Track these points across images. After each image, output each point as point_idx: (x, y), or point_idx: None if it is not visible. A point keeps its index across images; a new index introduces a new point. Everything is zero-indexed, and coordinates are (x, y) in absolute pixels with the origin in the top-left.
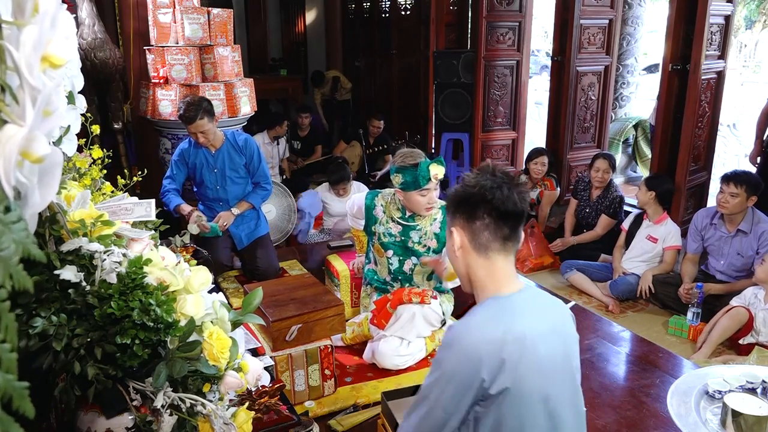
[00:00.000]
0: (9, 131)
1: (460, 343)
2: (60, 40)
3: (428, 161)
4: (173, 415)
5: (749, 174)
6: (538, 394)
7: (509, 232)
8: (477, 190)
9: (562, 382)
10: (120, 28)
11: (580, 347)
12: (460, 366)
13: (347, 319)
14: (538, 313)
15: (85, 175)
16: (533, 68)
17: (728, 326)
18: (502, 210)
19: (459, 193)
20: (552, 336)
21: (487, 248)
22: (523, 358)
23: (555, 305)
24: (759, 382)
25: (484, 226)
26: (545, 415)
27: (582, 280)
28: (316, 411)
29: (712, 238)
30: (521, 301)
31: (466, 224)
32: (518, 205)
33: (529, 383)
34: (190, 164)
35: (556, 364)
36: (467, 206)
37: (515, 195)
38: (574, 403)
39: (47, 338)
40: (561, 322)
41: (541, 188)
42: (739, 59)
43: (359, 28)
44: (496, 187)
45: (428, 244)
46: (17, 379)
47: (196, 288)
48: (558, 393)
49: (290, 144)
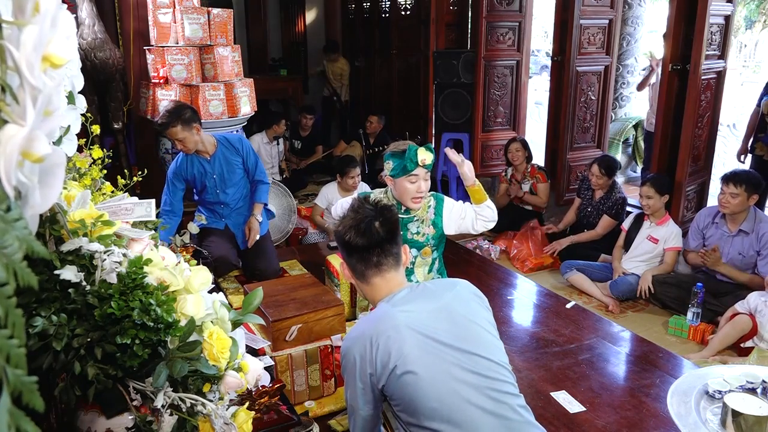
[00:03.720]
0: (10, 131)
1: (345, 350)
2: (60, 39)
3: (416, 146)
4: (173, 415)
5: (749, 173)
6: (431, 368)
7: (377, 259)
8: (340, 233)
9: (455, 351)
10: (120, 28)
11: (581, 347)
12: (352, 369)
13: (347, 319)
14: (418, 301)
15: (85, 175)
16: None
17: (730, 334)
18: (361, 245)
19: (348, 224)
20: (436, 314)
21: (365, 275)
22: (404, 343)
23: (441, 289)
24: (759, 382)
25: (355, 260)
26: (446, 386)
27: (582, 280)
28: (316, 411)
29: (714, 237)
30: (400, 296)
31: (345, 259)
32: (376, 235)
33: (419, 362)
34: (188, 177)
35: (444, 337)
36: (341, 246)
37: (376, 225)
38: (479, 363)
39: (47, 338)
40: (447, 302)
41: (533, 181)
42: (739, 59)
43: (359, 28)
44: (353, 226)
45: (426, 232)
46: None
47: (196, 288)
48: (454, 361)
49: (291, 143)
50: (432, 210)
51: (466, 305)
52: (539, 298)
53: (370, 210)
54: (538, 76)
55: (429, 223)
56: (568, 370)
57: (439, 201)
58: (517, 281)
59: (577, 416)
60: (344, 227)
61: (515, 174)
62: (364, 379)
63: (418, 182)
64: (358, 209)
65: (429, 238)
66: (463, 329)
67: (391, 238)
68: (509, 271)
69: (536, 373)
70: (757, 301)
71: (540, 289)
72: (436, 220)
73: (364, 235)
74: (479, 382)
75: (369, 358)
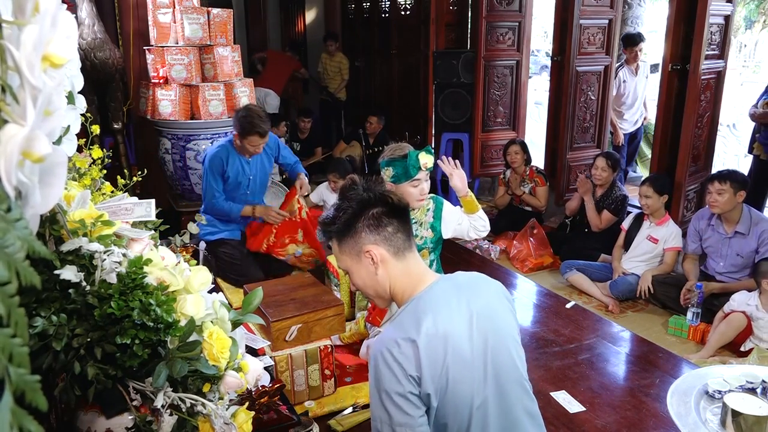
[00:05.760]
0: (10, 131)
1: (382, 356)
2: (60, 39)
3: (417, 151)
4: (173, 415)
5: (733, 171)
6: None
7: (410, 226)
8: (372, 199)
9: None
10: (120, 28)
11: (581, 347)
12: (391, 379)
13: (347, 319)
14: (457, 302)
15: (84, 175)
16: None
17: (726, 332)
18: (401, 206)
19: (352, 212)
20: (475, 321)
21: (403, 250)
22: (447, 355)
23: (477, 285)
24: (759, 382)
25: (394, 229)
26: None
27: (582, 280)
28: (316, 411)
29: (711, 239)
30: (439, 291)
31: (377, 237)
32: (402, 200)
33: (459, 375)
34: (225, 174)
35: (481, 349)
36: (370, 219)
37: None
38: (512, 375)
39: (47, 338)
40: (485, 303)
41: (532, 184)
42: (739, 59)
43: (359, 28)
44: (381, 192)
45: (424, 235)
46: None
47: (196, 288)
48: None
49: (290, 146)
50: (431, 213)
51: (506, 314)
52: (539, 298)
53: (376, 186)
54: (538, 76)
55: (427, 226)
56: (568, 370)
57: (438, 204)
58: (517, 281)
59: (577, 416)
60: (370, 195)
61: (514, 176)
62: (409, 389)
63: (420, 185)
64: (362, 186)
65: (427, 241)
66: (499, 342)
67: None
68: (509, 271)
69: (536, 373)
70: (742, 300)
71: (540, 289)
72: (435, 224)
73: (386, 202)
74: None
75: (415, 367)
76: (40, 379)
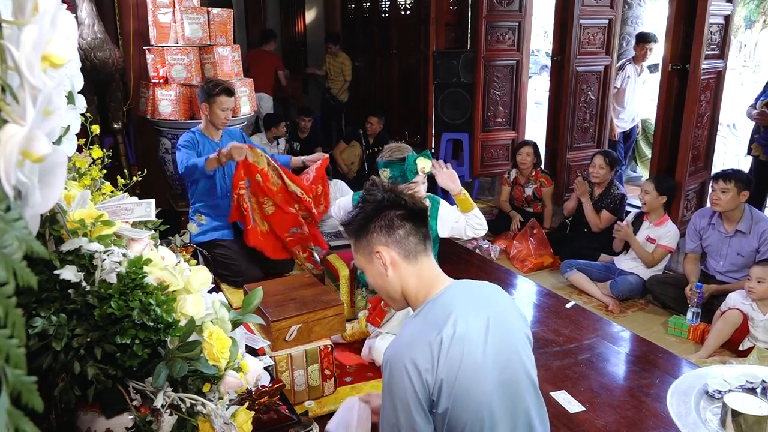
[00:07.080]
0: (10, 131)
1: (399, 361)
2: (60, 39)
3: (415, 155)
4: (173, 415)
5: (737, 170)
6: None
7: (426, 230)
8: (386, 201)
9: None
10: (120, 28)
11: (581, 347)
12: (404, 385)
13: (347, 319)
14: (474, 307)
15: (84, 175)
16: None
17: (724, 330)
18: (416, 209)
19: (366, 213)
20: (491, 326)
21: (415, 253)
22: (464, 357)
23: (490, 292)
24: (759, 382)
25: (406, 232)
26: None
27: (582, 280)
28: (316, 411)
29: (711, 238)
30: (456, 294)
31: (388, 239)
32: (419, 204)
33: (473, 378)
34: (199, 155)
35: (498, 357)
36: (382, 221)
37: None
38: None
39: (47, 338)
40: (500, 310)
41: (537, 185)
42: (739, 59)
43: (359, 28)
44: (396, 195)
45: None
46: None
47: (196, 288)
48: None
49: (290, 145)
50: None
51: (518, 323)
52: (539, 298)
53: (395, 189)
54: (538, 75)
55: None
56: (568, 370)
57: (434, 203)
58: (517, 281)
59: (577, 416)
60: (384, 197)
61: (519, 177)
62: (423, 394)
63: (417, 188)
64: (383, 187)
65: None
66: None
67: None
68: (509, 271)
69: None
70: (738, 299)
71: (540, 288)
72: (431, 223)
73: (415, 202)
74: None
75: (430, 370)
76: (40, 380)
